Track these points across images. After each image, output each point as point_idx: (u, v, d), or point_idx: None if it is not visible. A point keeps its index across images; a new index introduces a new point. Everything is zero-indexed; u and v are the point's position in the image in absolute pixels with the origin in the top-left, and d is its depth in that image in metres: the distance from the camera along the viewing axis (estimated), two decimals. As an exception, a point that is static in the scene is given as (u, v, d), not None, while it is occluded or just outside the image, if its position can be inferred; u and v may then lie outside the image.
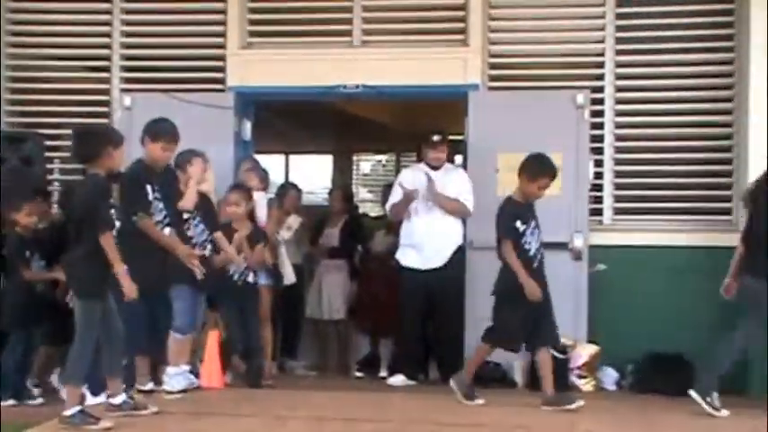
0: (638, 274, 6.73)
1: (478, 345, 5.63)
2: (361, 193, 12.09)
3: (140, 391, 5.32)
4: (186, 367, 5.65)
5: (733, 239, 5.84)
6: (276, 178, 8.93)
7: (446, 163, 6.70)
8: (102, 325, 4.59)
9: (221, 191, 6.29)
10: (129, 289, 4.61)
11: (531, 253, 5.43)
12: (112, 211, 4.64)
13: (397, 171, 9.84)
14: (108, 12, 7.44)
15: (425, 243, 6.47)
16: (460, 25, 7.08)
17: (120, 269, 4.56)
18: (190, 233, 5.70)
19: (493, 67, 7.11)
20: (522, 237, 5.40)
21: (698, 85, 6.88)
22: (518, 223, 5.41)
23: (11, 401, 5.63)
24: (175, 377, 5.54)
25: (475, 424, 5.04)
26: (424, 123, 7.54)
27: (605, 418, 5.39)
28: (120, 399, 4.75)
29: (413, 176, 6.66)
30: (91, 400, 5.11)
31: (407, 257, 6.54)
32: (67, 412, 4.51)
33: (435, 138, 6.62)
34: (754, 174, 6.05)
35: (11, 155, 6.60)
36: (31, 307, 5.78)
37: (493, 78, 7.10)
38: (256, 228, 6.26)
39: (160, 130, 5.40)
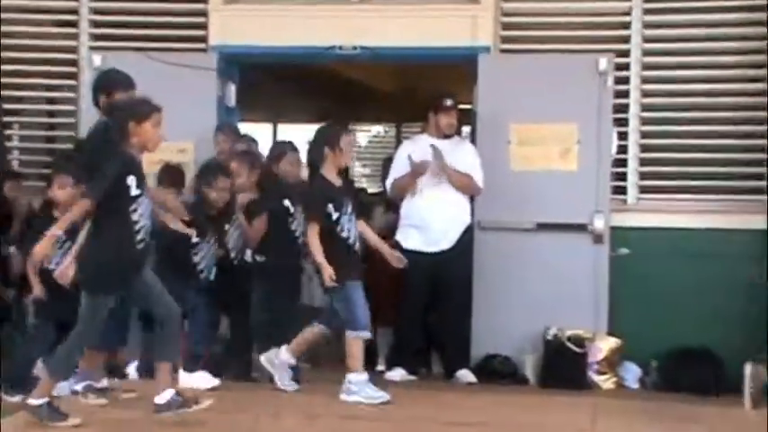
0: (665, 259, 6.81)
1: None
2: (357, 168, 12.13)
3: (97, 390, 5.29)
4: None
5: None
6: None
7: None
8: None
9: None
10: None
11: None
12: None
13: (398, 143, 9.88)
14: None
15: (431, 223, 6.46)
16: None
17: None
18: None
19: (506, 27, 7.10)
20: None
21: (733, 49, 6.88)
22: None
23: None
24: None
25: (481, 423, 5.10)
26: (428, 90, 7.61)
27: (626, 418, 5.44)
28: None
29: (418, 148, 6.62)
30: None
31: (410, 239, 6.50)
32: (35, 402, 4.54)
33: (448, 102, 6.61)
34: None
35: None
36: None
37: (505, 40, 7.10)
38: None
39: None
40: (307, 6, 7.15)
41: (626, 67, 6.93)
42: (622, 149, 7.01)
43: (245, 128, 7.62)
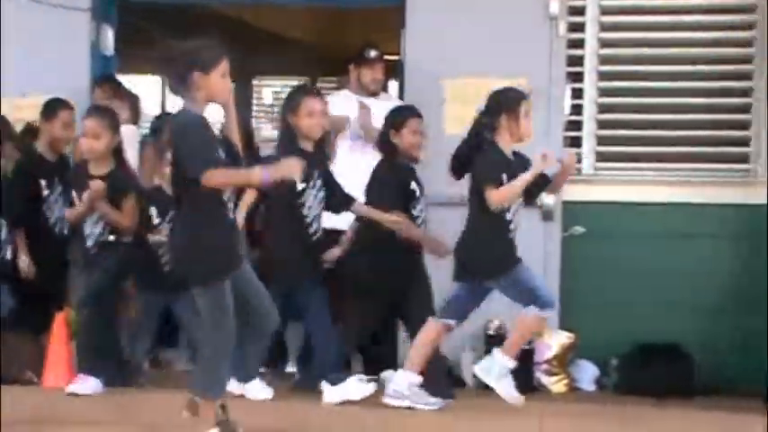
0: (626, 238, 7.01)
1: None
2: (264, 131, 12.38)
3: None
4: None
5: (752, 194, 6.30)
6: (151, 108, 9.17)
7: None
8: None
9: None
10: None
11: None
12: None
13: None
14: None
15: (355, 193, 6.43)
16: None
17: None
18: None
19: None
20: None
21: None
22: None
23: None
24: None
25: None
26: (349, 39, 7.83)
27: (579, 426, 5.75)
28: None
29: (339, 105, 6.60)
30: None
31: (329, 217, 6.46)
32: None
33: (372, 53, 6.75)
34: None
35: None
36: None
37: None
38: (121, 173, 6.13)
39: None
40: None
41: (581, 11, 7.02)
42: (577, 110, 7.13)
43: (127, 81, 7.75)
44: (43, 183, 6.41)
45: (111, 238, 6.02)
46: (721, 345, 6.77)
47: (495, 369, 5.52)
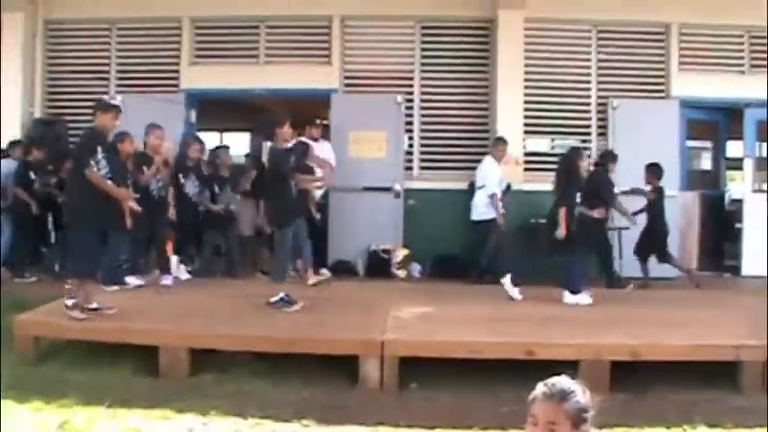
0: (434, 206, 12.61)
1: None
2: None
3: (90, 309, 8.19)
4: None
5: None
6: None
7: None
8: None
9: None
10: None
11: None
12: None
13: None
14: None
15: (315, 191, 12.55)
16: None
17: None
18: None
19: (347, 77, 13.14)
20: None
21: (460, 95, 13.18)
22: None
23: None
24: None
25: (326, 297, 11.10)
26: (305, 113, 13.72)
27: (411, 292, 10.47)
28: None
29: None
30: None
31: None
32: (275, 299, 8.80)
33: (317, 121, 12.35)
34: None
35: None
36: None
37: (347, 85, 13.14)
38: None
39: None
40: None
41: (411, 101, 13.11)
42: (411, 145, 13.18)
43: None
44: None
45: None
46: (479, 257, 11.99)
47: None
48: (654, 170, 11.76)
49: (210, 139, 14.67)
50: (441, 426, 6.32)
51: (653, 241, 11.66)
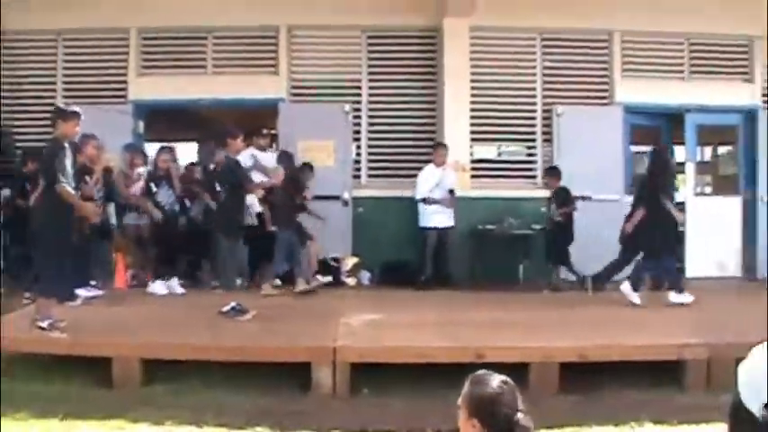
0: (381, 212, 12.83)
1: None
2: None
3: (41, 328, 8.03)
4: None
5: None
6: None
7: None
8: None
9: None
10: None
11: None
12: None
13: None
14: None
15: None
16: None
17: None
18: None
19: (293, 87, 13.27)
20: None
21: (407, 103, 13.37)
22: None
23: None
24: None
25: (286, 303, 11.48)
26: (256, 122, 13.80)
27: (361, 300, 10.81)
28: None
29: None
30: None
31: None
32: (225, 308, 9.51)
33: (264, 131, 12.73)
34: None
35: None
36: None
37: (294, 94, 13.26)
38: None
39: None
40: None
41: (358, 110, 13.28)
42: (359, 154, 13.33)
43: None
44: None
45: None
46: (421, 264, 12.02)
47: None
48: (553, 173, 12.38)
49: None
50: (393, 430, 6.43)
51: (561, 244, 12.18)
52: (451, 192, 12.41)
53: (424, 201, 12.27)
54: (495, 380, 3.31)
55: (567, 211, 12.19)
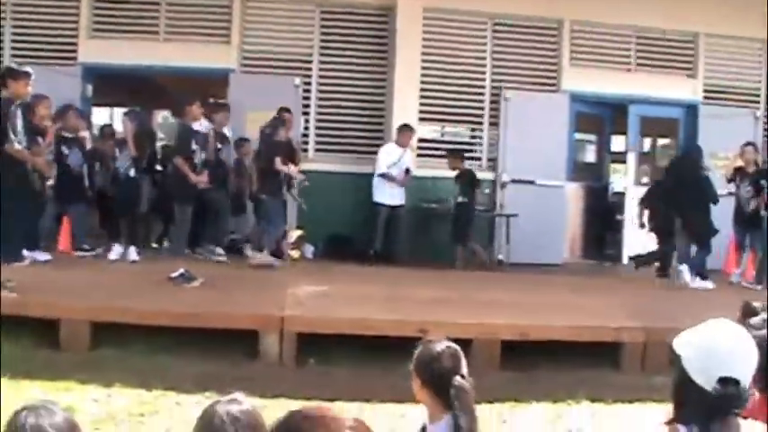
0: (328, 187, 12.75)
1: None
2: None
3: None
4: None
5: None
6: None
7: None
8: None
9: None
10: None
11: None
12: None
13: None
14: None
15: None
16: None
17: None
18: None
19: (245, 57, 13.34)
20: None
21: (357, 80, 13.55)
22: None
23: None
24: None
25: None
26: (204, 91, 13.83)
27: (304, 272, 10.79)
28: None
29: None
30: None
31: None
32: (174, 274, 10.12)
33: (212, 100, 12.74)
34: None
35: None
36: None
37: (244, 65, 13.34)
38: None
39: None
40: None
41: (309, 84, 13.41)
42: (306, 128, 13.47)
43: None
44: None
45: None
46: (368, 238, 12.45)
47: None
48: (456, 155, 12.81)
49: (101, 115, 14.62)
50: (339, 398, 6.59)
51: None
52: (407, 171, 12.68)
53: (383, 176, 12.53)
54: (440, 344, 3.53)
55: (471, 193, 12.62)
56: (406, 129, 12.74)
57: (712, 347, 2.76)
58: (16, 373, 6.72)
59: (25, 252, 9.86)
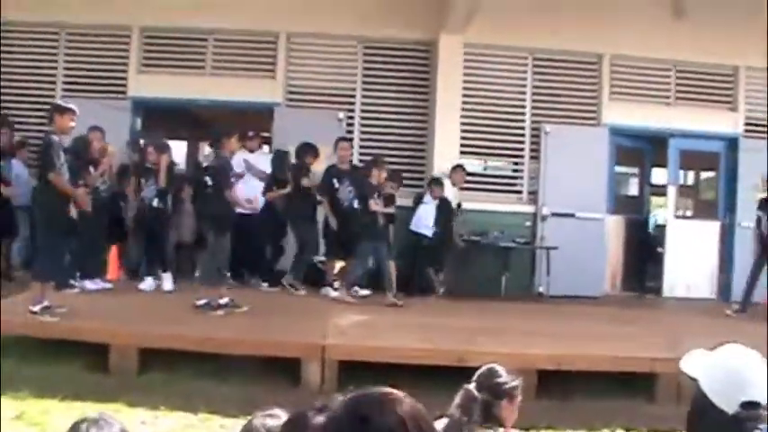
0: None
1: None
2: None
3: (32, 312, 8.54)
4: None
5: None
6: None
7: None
8: None
9: None
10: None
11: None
12: None
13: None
14: None
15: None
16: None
17: None
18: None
19: (290, 92, 13.68)
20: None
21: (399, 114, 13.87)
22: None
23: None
24: None
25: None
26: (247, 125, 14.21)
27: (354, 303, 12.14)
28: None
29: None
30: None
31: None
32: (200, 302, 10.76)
33: (250, 133, 12.86)
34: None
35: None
36: None
37: (290, 99, 13.68)
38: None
39: None
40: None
41: (352, 122, 13.83)
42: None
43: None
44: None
45: None
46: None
47: None
48: (437, 183, 12.61)
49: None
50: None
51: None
52: (459, 205, 12.98)
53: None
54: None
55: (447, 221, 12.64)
56: (459, 169, 12.97)
57: (733, 371, 2.83)
58: (67, 395, 7.00)
59: (86, 282, 10.23)
